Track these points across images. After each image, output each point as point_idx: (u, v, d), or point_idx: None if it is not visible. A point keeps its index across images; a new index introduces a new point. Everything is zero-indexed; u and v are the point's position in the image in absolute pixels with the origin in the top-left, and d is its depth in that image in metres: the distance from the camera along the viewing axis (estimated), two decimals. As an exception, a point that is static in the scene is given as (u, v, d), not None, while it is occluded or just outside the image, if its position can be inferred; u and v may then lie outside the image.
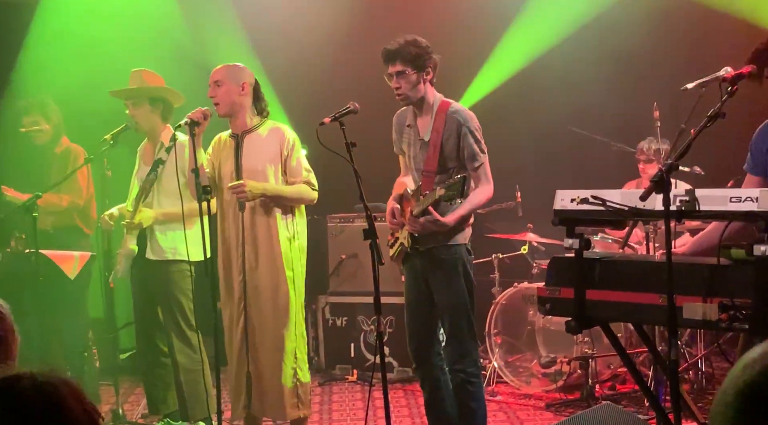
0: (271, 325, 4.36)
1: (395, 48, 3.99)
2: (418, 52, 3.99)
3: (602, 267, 3.10)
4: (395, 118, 4.30)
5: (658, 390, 4.53)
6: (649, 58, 6.47)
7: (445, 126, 4.02)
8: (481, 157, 4.03)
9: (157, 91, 4.84)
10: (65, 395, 1.26)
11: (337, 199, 6.45)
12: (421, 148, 4.10)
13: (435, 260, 4.07)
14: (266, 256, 4.34)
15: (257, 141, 4.39)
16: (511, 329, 5.92)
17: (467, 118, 4.03)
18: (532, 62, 6.75)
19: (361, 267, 6.14)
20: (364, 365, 6.14)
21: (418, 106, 4.12)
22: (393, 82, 4.02)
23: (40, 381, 1.26)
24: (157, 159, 4.73)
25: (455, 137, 4.01)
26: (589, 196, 3.02)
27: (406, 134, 4.20)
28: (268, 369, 4.38)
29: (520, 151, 6.67)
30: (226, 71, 4.36)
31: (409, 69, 3.98)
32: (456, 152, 4.02)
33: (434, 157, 4.03)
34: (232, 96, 4.34)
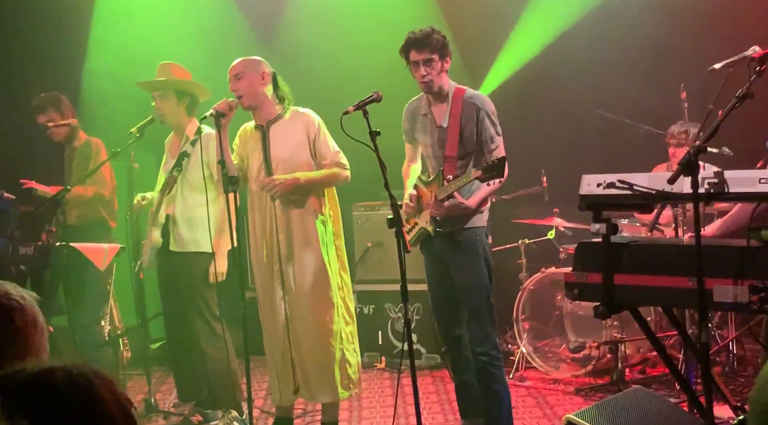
0: (313, 310, 4.37)
1: (423, 36, 4.06)
2: (443, 41, 4.08)
3: (630, 251, 3.09)
4: (407, 108, 4.36)
5: (688, 374, 4.50)
6: (675, 38, 6.38)
7: (462, 111, 4.10)
8: (497, 139, 4.11)
9: (184, 84, 4.87)
10: (98, 386, 1.27)
11: (361, 188, 6.45)
12: (439, 135, 4.15)
13: (455, 243, 4.13)
14: (301, 243, 4.36)
15: (283, 129, 4.40)
16: (539, 314, 5.91)
17: (483, 102, 4.12)
18: (554, 44, 6.68)
19: (387, 255, 6.16)
20: (392, 352, 6.16)
21: (434, 94, 4.17)
22: (420, 69, 4.07)
23: (73, 373, 1.27)
24: (182, 152, 4.76)
25: (473, 122, 4.08)
26: (615, 180, 3.00)
27: (420, 123, 4.26)
28: (313, 353, 4.40)
29: (546, 135, 6.63)
30: (243, 63, 4.38)
31: (436, 56, 4.06)
32: (475, 136, 4.09)
33: (454, 142, 4.09)
34: (254, 86, 4.35)
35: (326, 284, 4.40)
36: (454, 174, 4.04)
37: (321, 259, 4.38)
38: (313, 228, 4.38)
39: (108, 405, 1.27)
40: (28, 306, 1.68)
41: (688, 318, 4.83)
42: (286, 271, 4.38)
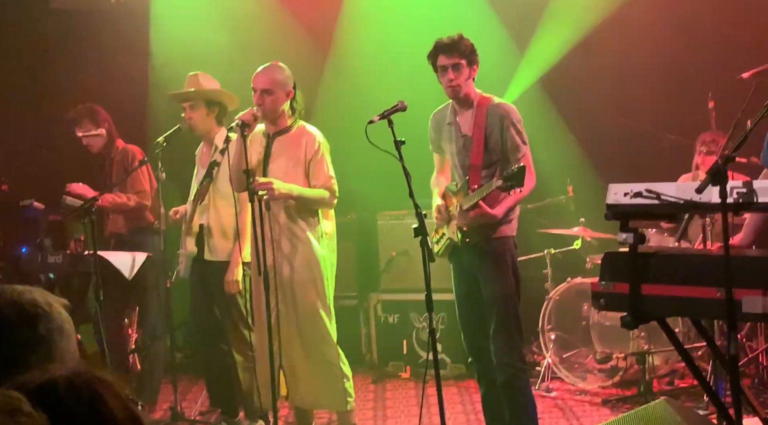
0: (303, 320, 4.40)
1: (453, 41, 4.06)
2: (472, 48, 4.08)
3: (658, 261, 3.06)
4: (433, 117, 4.35)
5: (717, 386, 4.45)
6: (703, 46, 6.33)
7: (486, 120, 4.08)
8: (523, 149, 4.07)
9: (214, 94, 4.92)
10: (103, 393, 1.27)
11: (386, 197, 6.47)
12: (464, 144, 4.14)
13: (483, 253, 4.10)
14: (293, 254, 4.38)
15: (286, 144, 4.44)
16: (565, 325, 5.87)
17: (509, 111, 4.10)
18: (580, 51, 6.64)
19: (412, 264, 6.14)
20: (417, 362, 6.15)
21: (460, 102, 4.16)
22: (448, 73, 4.06)
23: (75, 382, 1.26)
24: (212, 161, 4.81)
25: (498, 130, 4.06)
26: (643, 189, 2.98)
27: (446, 132, 4.24)
28: (304, 362, 4.42)
29: (572, 145, 6.60)
30: (275, 79, 4.38)
31: (464, 62, 4.06)
32: (500, 145, 4.07)
33: (479, 151, 4.08)
34: (278, 104, 4.40)
35: (315, 296, 4.40)
36: (479, 183, 4.02)
37: (312, 272, 4.39)
38: (306, 241, 4.39)
39: (114, 411, 1.27)
40: (54, 313, 1.67)
41: (716, 329, 4.78)
42: (280, 279, 4.37)
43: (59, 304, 1.71)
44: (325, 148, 4.46)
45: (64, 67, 6.83)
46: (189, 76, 4.98)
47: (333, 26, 7.05)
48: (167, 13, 6.96)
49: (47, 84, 6.79)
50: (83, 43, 6.95)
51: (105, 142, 5.52)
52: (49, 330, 1.64)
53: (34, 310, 1.64)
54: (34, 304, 1.65)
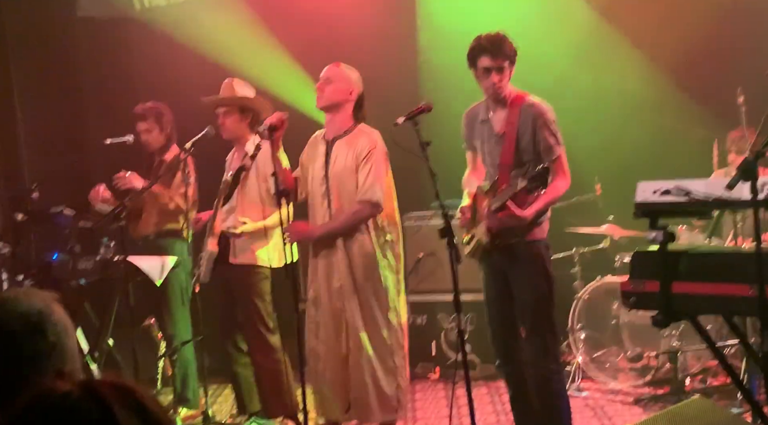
0: (372, 328, 4.34)
1: (497, 41, 3.92)
2: (514, 49, 3.96)
3: (688, 259, 3.03)
4: (466, 114, 4.25)
5: (751, 384, 4.40)
6: (732, 41, 6.25)
7: (519, 118, 3.97)
8: (557, 150, 3.97)
9: (248, 101, 4.94)
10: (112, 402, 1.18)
11: (413, 198, 6.45)
12: (496, 143, 4.05)
13: (514, 256, 4.03)
14: (354, 259, 4.33)
15: (345, 147, 4.36)
16: (595, 324, 5.82)
17: (543, 110, 3.99)
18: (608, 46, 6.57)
19: (440, 265, 6.13)
20: (446, 363, 6.14)
21: (495, 100, 4.07)
22: (491, 76, 3.94)
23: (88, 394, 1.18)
24: (241, 165, 4.83)
25: (531, 130, 3.96)
26: (672, 187, 2.96)
27: (479, 130, 4.16)
28: (362, 373, 4.36)
29: (600, 142, 6.53)
30: (338, 71, 4.36)
31: (507, 63, 3.95)
32: (532, 145, 3.97)
33: (510, 151, 3.99)
34: (337, 96, 4.33)
35: (377, 305, 4.35)
36: (507, 183, 3.92)
37: (373, 280, 4.34)
38: (369, 245, 4.33)
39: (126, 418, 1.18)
40: (56, 313, 1.63)
41: (749, 326, 4.72)
42: (346, 287, 4.33)
43: (52, 300, 1.66)
44: (376, 153, 4.30)
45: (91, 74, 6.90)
46: (225, 82, 5.00)
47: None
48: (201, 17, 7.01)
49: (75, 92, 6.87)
50: (110, 49, 7.03)
51: (161, 144, 5.53)
52: (57, 333, 1.61)
53: (38, 317, 1.59)
54: (37, 311, 1.60)
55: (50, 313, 1.61)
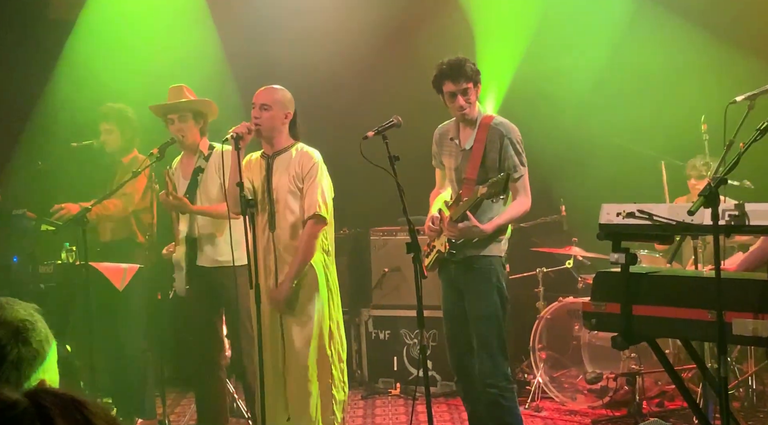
0: (304, 339, 4.33)
1: (457, 65, 4.04)
2: (475, 69, 4.09)
3: (649, 282, 3.07)
4: (437, 132, 4.36)
5: (707, 408, 4.44)
6: (696, 69, 6.37)
7: (487, 136, 4.09)
8: (521, 169, 4.09)
9: (201, 104, 4.91)
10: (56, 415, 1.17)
11: (379, 213, 6.47)
12: (463, 159, 4.16)
13: (469, 269, 4.11)
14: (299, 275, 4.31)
15: (286, 162, 4.38)
16: (556, 344, 5.86)
17: (509, 130, 4.12)
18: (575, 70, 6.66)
19: (404, 281, 6.14)
20: (408, 378, 6.13)
21: (465, 120, 4.16)
22: (457, 100, 4.06)
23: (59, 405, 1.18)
24: (196, 167, 4.81)
25: (497, 147, 4.08)
26: (635, 209, 3.00)
27: (447, 147, 4.26)
28: (301, 381, 4.33)
29: (565, 164, 6.61)
30: (275, 97, 4.37)
31: (471, 85, 4.07)
32: (497, 163, 4.08)
33: (475, 166, 4.09)
34: (276, 122, 4.35)
35: (316, 319, 4.33)
36: (469, 196, 4.01)
37: (316, 295, 4.32)
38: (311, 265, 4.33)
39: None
40: (38, 322, 1.66)
41: (707, 351, 4.78)
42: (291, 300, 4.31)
43: (33, 310, 1.69)
44: (319, 171, 4.35)
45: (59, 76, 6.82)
46: (172, 87, 4.97)
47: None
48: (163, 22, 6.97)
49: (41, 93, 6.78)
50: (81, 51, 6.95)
51: (119, 146, 5.48)
52: (40, 341, 1.63)
53: (23, 325, 1.62)
54: (21, 319, 1.63)
55: (34, 322, 1.65)
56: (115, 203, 5.27)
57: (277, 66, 6.38)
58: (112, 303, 5.24)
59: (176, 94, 4.94)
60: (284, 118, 4.39)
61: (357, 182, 6.01)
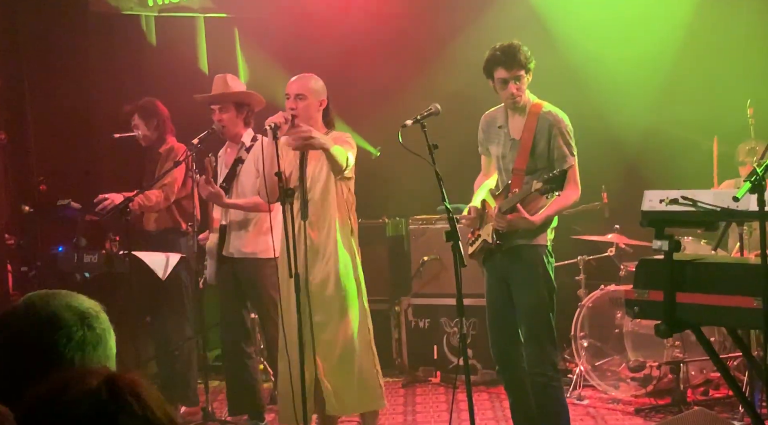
0: (342, 328, 4.35)
1: (511, 52, 3.98)
2: (529, 56, 4.02)
3: (693, 269, 3.02)
4: (484, 118, 4.30)
5: (753, 396, 4.38)
6: (742, 53, 6.24)
7: (537, 126, 4.04)
8: (570, 160, 4.03)
9: (243, 95, 4.94)
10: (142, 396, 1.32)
11: (418, 201, 6.46)
12: (512, 148, 4.10)
13: (516, 259, 4.07)
14: (330, 264, 4.33)
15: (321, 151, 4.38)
16: (598, 332, 5.81)
17: (559, 119, 4.06)
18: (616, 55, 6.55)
19: (444, 269, 6.13)
20: (448, 367, 6.12)
21: (513, 107, 4.12)
22: (509, 87, 4.01)
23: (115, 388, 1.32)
24: (237, 158, 4.84)
25: (547, 137, 4.02)
26: (679, 196, 2.95)
27: (495, 134, 4.20)
28: (337, 367, 4.36)
29: (607, 150, 6.53)
30: (309, 85, 4.38)
31: (523, 72, 4.01)
32: (547, 153, 4.03)
33: (524, 156, 4.04)
34: (311, 111, 4.37)
35: (348, 303, 4.34)
36: (520, 187, 3.98)
37: (346, 280, 4.34)
38: (338, 250, 4.34)
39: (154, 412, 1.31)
40: (102, 313, 1.75)
41: (753, 339, 4.71)
42: (312, 289, 4.30)
43: (100, 307, 1.78)
44: (353, 143, 4.39)
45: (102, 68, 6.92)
46: (217, 77, 5.01)
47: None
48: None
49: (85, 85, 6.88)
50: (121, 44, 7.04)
51: (154, 138, 5.54)
52: (103, 330, 1.72)
53: (88, 312, 1.72)
54: (87, 307, 1.73)
55: (98, 311, 1.75)
56: (156, 194, 5.30)
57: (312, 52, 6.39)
58: (156, 291, 5.32)
59: (220, 84, 4.97)
60: (319, 105, 4.41)
61: (395, 171, 6.02)
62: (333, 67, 5.57)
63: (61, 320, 1.67)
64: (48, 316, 1.67)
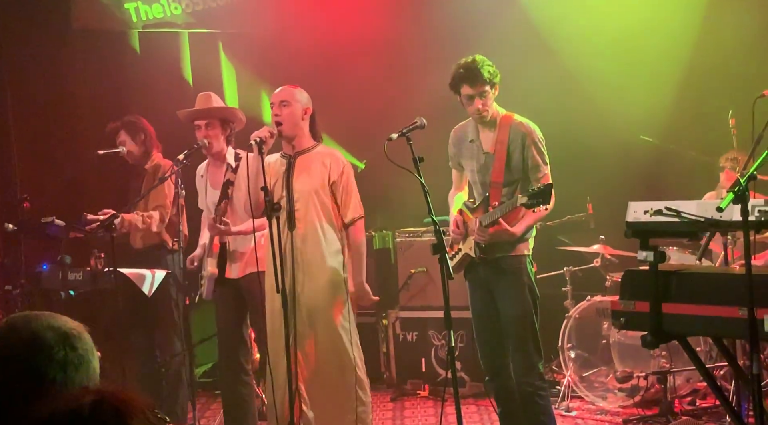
0: (327, 342, 4.33)
1: (474, 68, 4.03)
2: (494, 71, 4.06)
3: (679, 279, 3.04)
4: (454, 133, 4.35)
5: (740, 406, 4.39)
6: (723, 64, 6.30)
7: (509, 138, 4.09)
8: (543, 168, 4.09)
9: (228, 112, 4.94)
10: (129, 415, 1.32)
11: (404, 214, 6.47)
12: (486, 161, 4.15)
13: (500, 270, 4.11)
14: (317, 276, 4.31)
15: (308, 163, 4.40)
16: (585, 343, 5.82)
17: (531, 130, 4.11)
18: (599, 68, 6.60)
19: (431, 282, 6.13)
20: (436, 380, 6.12)
21: (482, 122, 4.14)
22: (475, 103, 4.06)
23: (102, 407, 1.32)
24: (226, 181, 4.83)
25: (520, 149, 4.08)
26: (663, 207, 2.97)
27: (467, 149, 4.25)
28: (328, 387, 4.33)
29: (592, 162, 6.57)
30: (292, 92, 4.40)
31: (488, 88, 4.05)
32: (521, 164, 4.09)
33: (500, 169, 4.09)
34: (296, 118, 4.37)
35: (340, 321, 4.33)
36: (499, 200, 4.04)
37: (337, 297, 4.33)
38: (329, 263, 4.33)
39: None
40: (84, 333, 1.75)
41: (738, 348, 4.73)
42: (301, 303, 4.29)
43: (83, 327, 1.78)
44: (349, 172, 4.42)
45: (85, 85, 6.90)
46: (200, 95, 5.02)
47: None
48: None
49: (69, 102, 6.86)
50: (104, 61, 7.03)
51: (139, 155, 5.53)
52: (85, 350, 1.72)
53: (71, 332, 1.72)
54: (68, 327, 1.73)
55: (81, 332, 1.75)
56: (152, 216, 5.29)
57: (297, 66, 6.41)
58: (142, 308, 5.29)
59: (204, 101, 4.98)
60: (303, 113, 4.40)
61: (380, 184, 6.02)
62: (318, 81, 5.58)
63: (43, 340, 1.67)
64: (29, 337, 1.67)
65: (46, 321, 1.72)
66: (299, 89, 4.46)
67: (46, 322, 1.71)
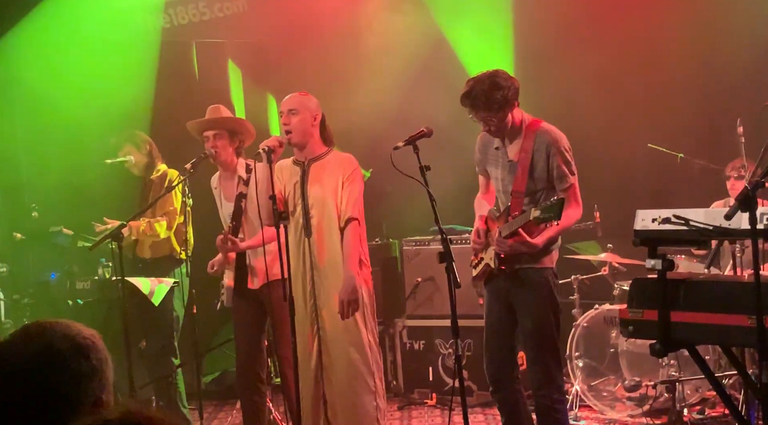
0: (346, 349, 4.33)
1: (481, 100, 3.84)
2: (503, 96, 3.84)
3: (687, 288, 3.02)
4: (480, 138, 4.23)
5: (749, 415, 4.37)
6: (731, 72, 6.29)
7: (534, 146, 3.96)
8: (570, 179, 3.96)
9: (236, 122, 4.95)
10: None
11: (411, 222, 6.46)
12: (509, 170, 4.04)
13: (521, 282, 4.01)
14: (335, 282, 4.31)
15: (322, 168, 4.38)
16: (593, 352, 5.79)
17: (557, 138, 3.97)
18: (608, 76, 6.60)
19: (438, 291, 6.12)
20: (443, 389, 6.10)
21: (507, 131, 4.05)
22: (486, 124, 3.93)
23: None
24: (238, 194, 4.84)
25: (545, 157, 3.94)
26: (671, 215, 2.96)
27: (493, 156, 4.15)
28: (344, 394, 4.34)
29: (599, 170, 6.55)
30: (300, 100, 4.40)
31: (493, 114, 3.88)
32: (546, 173, 3.96)
33: (523, 178, 3.97)
34: (306, 125, 4.36)
35: (358, 326, 4.33)
36: (520, 210, 3.92)
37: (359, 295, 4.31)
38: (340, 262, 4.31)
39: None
40: (99, 343, 1.74)
41: (748, 357, 4.70)
42: (321, 309, 4.32)
43: (97, 335, 1.78)
44: (356, 175, 4.38)
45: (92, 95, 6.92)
46: (210, 107, 5.04)
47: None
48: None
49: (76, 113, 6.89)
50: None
51: (144, 165, 5.57)
52: (99, 360, 1.71)
53: (84, 342, 1.71)
54: (82, 336, 1.72)
55: (94, 342, 1.73)
56: (160, 222, 5.33)
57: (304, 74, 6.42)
58: (149, 317, 5.30)
59: (214, 112, 5.00)
60: (313, 120, 4.38)
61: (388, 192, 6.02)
62: (324, 89, 5.59)
63: (57, 351, 1.66)
64: (43, 347, 1.66)
65: (61, 330, 1.70)
66: (308, 96, 4.46)
67: (60, 332, 1.70)
